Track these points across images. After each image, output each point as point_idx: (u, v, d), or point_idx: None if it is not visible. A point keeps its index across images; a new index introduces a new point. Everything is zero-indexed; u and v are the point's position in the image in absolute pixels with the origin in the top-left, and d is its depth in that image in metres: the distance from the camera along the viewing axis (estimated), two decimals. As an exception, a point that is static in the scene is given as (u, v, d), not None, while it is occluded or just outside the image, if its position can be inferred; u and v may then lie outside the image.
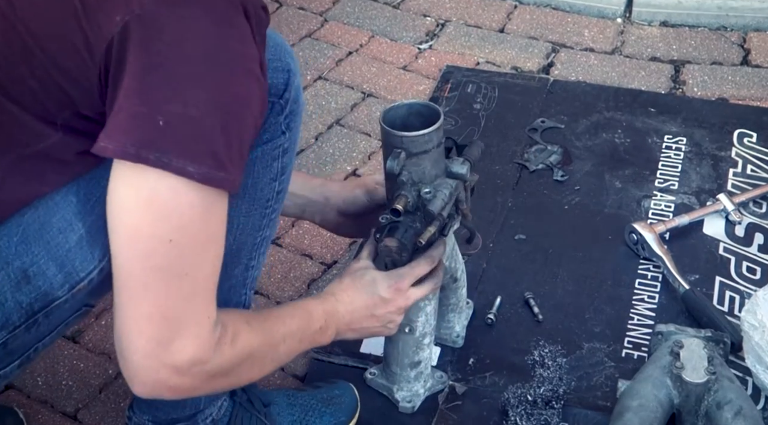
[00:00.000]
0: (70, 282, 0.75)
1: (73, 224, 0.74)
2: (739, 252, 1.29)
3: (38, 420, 1.08)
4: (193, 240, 0.68)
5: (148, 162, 0.65)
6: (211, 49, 0.65)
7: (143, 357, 0.69)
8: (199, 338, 0.70)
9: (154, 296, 0.68)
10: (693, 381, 1.00)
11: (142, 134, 0.64)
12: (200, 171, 0.65)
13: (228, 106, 0.66)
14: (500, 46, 1.73)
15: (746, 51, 1.71)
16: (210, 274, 0.71)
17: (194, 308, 0.70)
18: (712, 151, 1.47)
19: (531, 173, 1.43)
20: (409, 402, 1.05)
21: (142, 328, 0.69)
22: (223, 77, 0.65)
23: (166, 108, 0.64)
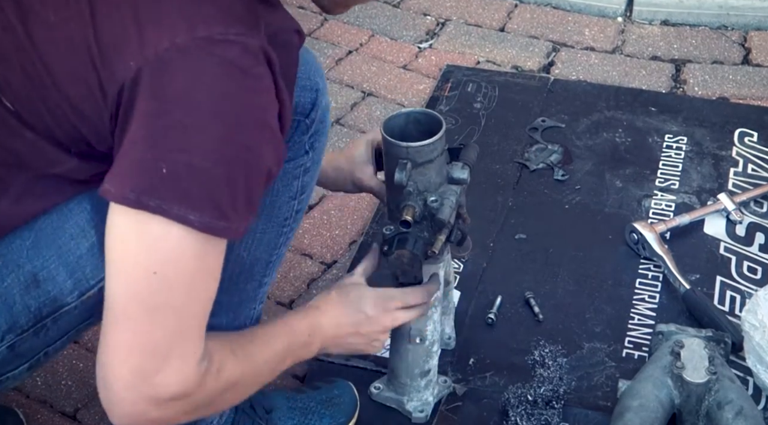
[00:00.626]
0: (79, 289, 0.75)
1: (86, 231, 0.74)
2: (739, 252, 1.29)
3: (37, 419, 1.08)
4: (182, 277, 0.67)
5: (147, 209, 0.65)
6: (219, 100, 0.64)
7: (124, 388, 0.68)
8: (183, 373, 0.69)
9: (134, 326, 0.67)
10: (694, 381, 1.00)
11: (144, 180, 0.65)
12: (201, 220, 0.65)
13: (235, 157, 0.65)
14: (501, 45, 1.72)
15: (747, 50, 1.71)
16: (199, 312, 0.70)
17: (179, 344, 0.69)
18: (713, 150, 1.46)
19: (531, 173, 1.43)
20: (421, 412, 1.05)
21: (123, 358, 0.68)
22: (231, 128, 0.65)
23: (170, 156, 0.64)
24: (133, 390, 0.68)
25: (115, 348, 0.69)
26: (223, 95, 0.64)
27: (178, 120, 0.64)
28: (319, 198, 1.41)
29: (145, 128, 0.65)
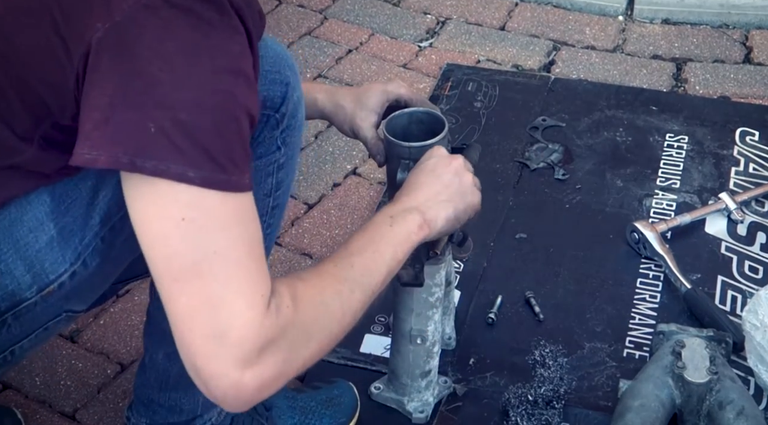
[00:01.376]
0: (38, 284, 0.73)
1: (45, 225, 0.72)
2: (741, 251, 1.28)
3: (36, 420, 1.08)
4: (213, 220, 0.63)
5: (144, 171, 0.62)
6: (192, 51, 0.63)
7: (206, 362, 0.62)
8: (255, 319, 0.62)
9: (185, 286, 0.62)
10: (695, 381, 0.99)
11: (135, 142, 0.62)
12: (201, 175, 0.62)
13: (219, 105, 0.63)
14: (501, 44, 1.72)
15: (748, 49, 1.70)
16: (248, 252, 0.64)
17: (239, 290, 0.63)
18: (714, 149, 1.46)
19: (532, 172, 1.42)
20: (421, 412, 1.05)
21: (190, 327, 0.63)
22: (209, 77, 0.63)
23: (154, 114, 0.62)
24: (215, 359, 0.62)
25: (179, 320, 0.63)
26: (195, 46, 0.63)
27: (155, 76, 0.62)
28: (319, 198, 1.41)
29: (121, 88, 0.62)
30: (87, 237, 0.74)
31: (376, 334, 1.17)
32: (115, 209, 0.74)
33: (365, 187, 1.42)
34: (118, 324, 1.19)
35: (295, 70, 0.84)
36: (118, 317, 1.20)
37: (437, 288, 1.00)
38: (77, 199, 0.72)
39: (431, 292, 1.00)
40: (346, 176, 1.44)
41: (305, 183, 1.42)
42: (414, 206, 0.81)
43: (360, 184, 1.43)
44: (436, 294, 1.00)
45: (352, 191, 1.42)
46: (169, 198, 0.63)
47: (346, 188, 1.42)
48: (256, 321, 0.63)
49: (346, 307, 0.72)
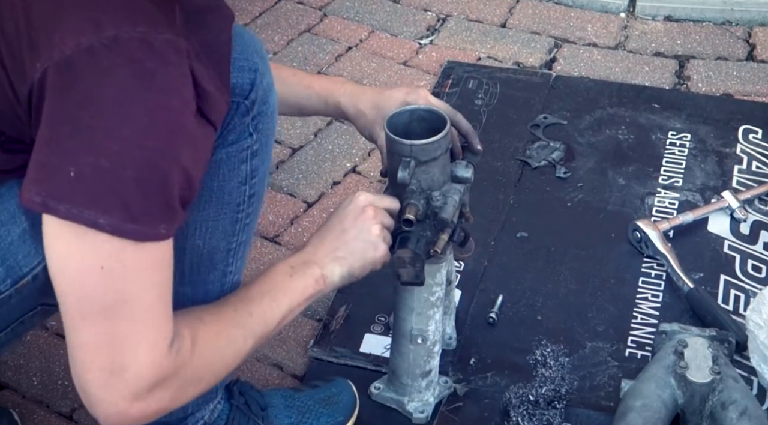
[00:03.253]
0: (12, 277, 0.73)
1: (17, 217, 0.72)
2: (744, 250, 1.28)
3: (33, 420, 1.07)
4: (126, 266, 0.66)
5: (57, 214, 0.64)
6: (127, 103, 0.63)
7: (99, 389, 0.67)
8: (155, 361, 0.68)
9: (92, 324, 0.66)
10: (697, 381, 0.99)
11: (52, 185, 0.64)
12: (110, 223, 0.64)
13: (145, 160, 0.64)
14: (502, 41, 1.71)
15: (751, 46, 1.69)
16: (158, 298, 0.68)
17: (144, 333, 0.67)
18: (717, 147, 1.45)
19: (533, 170, 1.41)
20: (422, 412, 1.04)
21: (90, 358, 0.67)
22: (140, 132, 0.64)
23: (77, 159, 0.63)
24: (108, 389, 0.67)
25: (79, 350, 0.67)
26: (131, 99, 0.63)
27: (85, 123, 0.63)
28: (319, 196, 1.40)
29: (51, 131, 0.63)
30: None
31: (376, 334, 1.16)
32: None
33: (365, 185, 1.42)
34: (116, 323, 1.19)
35: (263, 56, 0.83)
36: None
37: (438, 287, 1.00)
38: None
39: (432, 291, 0.99)
40: (346, 175, 1.44)
41: (305, 182, 1.42)
42: (314, 259, 0.85)
43: (360, 182, 1.42)
44: (437, 293, 0.99)
45: (351, 190, 1.41)
46: (85, 243, 0.65)
47: (346, 187, 1.42)
48: (155, 361, 0.68)
49: (237, 353, 0.76)
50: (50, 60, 0.63)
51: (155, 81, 0.64)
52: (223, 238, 0.85)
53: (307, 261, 0.84)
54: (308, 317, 1.21)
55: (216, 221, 0.83)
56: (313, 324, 1.20)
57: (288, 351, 1.16)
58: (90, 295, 0.66)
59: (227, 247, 0.85)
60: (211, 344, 0.73)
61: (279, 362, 1.16)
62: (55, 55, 0.63)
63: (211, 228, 0.83)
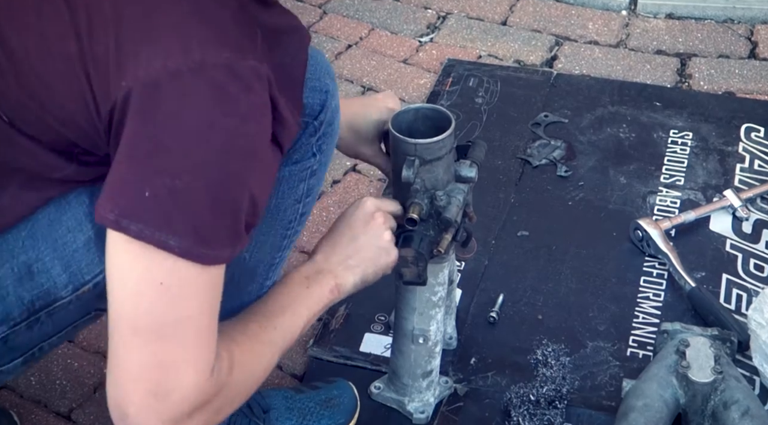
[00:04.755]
0: (74, 283, 0.74)
1: (83, 225, 0.73)
2: (746, 249, 1.27)
3: (31, 420, 1.07)
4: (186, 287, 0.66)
5: (129, 233, 0.64)
6: (207, 127, 0.64)
7: (138, 411, 0.66)
8: (198, 385, 0.67)
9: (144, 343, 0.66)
10: (699, 381, 0.98)
11: (126, 203, 0.64)
12: (181, 246, 0.64)
13: (219, 184, 0.65)
14: (503, 39, 1.70)
15: (753, 44, 1.69)
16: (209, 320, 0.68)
17: (193, 356, 0.67)
18: (719, 146, 1.45)
19: (534, 169, 1.41)
20: (422, 413, 1.04)
21: (136, 378, 0.66)
22: (217, 156, 0.64)
23: (154, 179, 0.64)
24: (150, 412, 0.66)
25: (125, 369, 0.66)
26: (211, 123, 0.63)
27: (165, 144, 0.63)
28: (319, 195, 1.39)
29: (131, 150, 0.64)
30: None
31: (376, 333, 1.16)
32: None
33: (365, 184, 1.41)
34: (114, 322, 1.18)
35: (333, 77, 0.85)
36: (114, 316, 1.19)
37: (440, 287, 0.99)
38: None
39: (434, 291, 0.99)
40: (346, 173, 1.43)
41: (304, 180, 1.41)
42: (328, 268, 0.85)
43: (360, 181, 1.42)
44: (439, 293, 0.99)
45: (351, 188, 1.40)
46: (151, 261, 0.65)
47: (346, 185, 1.41)
48: (199, 385, 0.67)
49: (266, 369, 0.78)
50: (136, 80, 0.63)
51: (236, 107, 0.64)
52: (269, 253, 0.85)
53: (321, 271, 0.84)
54: (308, 316, 1.21)
55: (266, 236, 0.84)
56: (313, 324, 1.19)
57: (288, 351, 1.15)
58: (146, 311, 0.66)
59: (270, 261, 0.86)
60: (246, 364, 0.73)
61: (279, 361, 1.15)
62: (140, 75, 0.63)
63: (260, 243, 0.84)
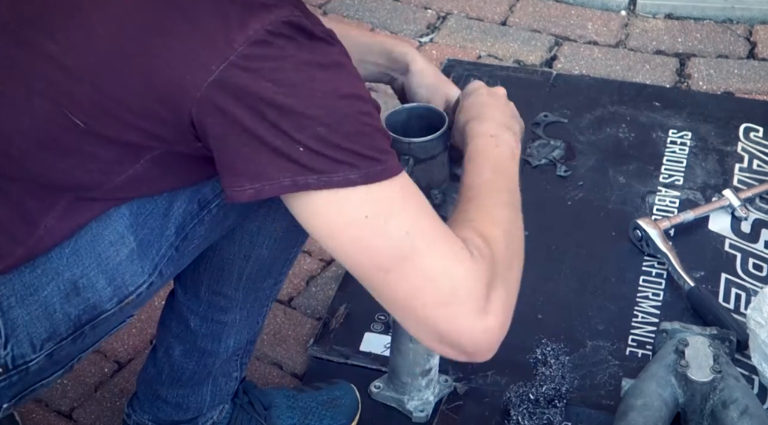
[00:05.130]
0: (119, 296, 0.74)
1: (125, 238, 0.73)
2: (745, 249, 1.27)
3: (32, 419, 1.07)
4: (387, 206, 0.67)
5: (310, 187, 0.66)
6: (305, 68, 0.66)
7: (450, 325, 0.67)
8: (470, 269, 0.67)
9: (398, 273, 0.67)
10: (698, 380, 0.98)
11: (291, 164, 0.65)
12: (362, 173, 0.66)
13: (347, 109, 0.67)
14: (502, 39, 1.70)
15: (752, 44, 1.69)
16: (429, 218, 0.68)
17: (442, 252, 0.67)
18: (718, 146, 1.45)
19: (533, 169, 1.41)
20: (422, 411, 1.04)
21: (419, 303, 0.67)
22: (328, 87, 0.66)
23: (296, 137, 0.65)
24: (458, 318, 0.66)
25: (407, 303, 0.67)
26: (306, 63, 0.66)
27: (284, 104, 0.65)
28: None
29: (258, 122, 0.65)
30: (163, 248, 0.75)
31: (376, 333, 1.16)
32: (189, 218, 0.76)
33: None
34: (115, 321, 1.18)
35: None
36: (115, 315, 1.19)
37: (438, 286, 0.99)
38: (153, 210, 0.74)
39: (432, 290, 0.99)
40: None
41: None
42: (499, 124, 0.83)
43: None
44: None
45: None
46: (344, 205, 0.66)
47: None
48: (470, 270, 0.68)
49: (517, 225, 0.77)
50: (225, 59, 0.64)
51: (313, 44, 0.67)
52: (287, 248, 0.86)
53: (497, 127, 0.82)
54: (308, 315, 1.21)
55: (286, 233, 0.84)
56: (313, 323, 1.19)
57: (288, 350, 1.16)
58: (375, 249, 0.67)
59: (287, 257, 0.87)
60: (495, 231, 0.73)
61: (279, 361, 1.15)
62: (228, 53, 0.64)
63: (280, 239, 0.84)
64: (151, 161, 0.70)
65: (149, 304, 1.19)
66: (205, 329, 0.90)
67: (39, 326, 0.72)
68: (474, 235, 0.71)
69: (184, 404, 0.93)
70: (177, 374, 0.92)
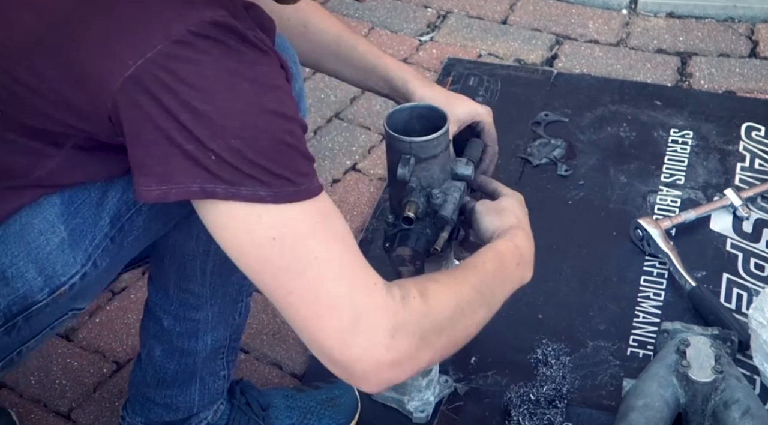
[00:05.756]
0: (50, 286, 0.73)
1: (56, 227, 0.72)
2: (746, 248, 1.27)
3: (31, 419, 1.07)
4: (297, 229, 0.66)
5: (217, 196, 0.64)
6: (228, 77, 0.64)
7: (342, 353, 0.66)
8: (379, 305, 0.67)
9: (301, 295, 0.66)
10: (700, 380, 0.98)
11: (200, 170, 0.64)
12: (271, 192, 0.65)
13: (267, 125, 0.65)
14: (503, 37, 1.70)
15: (754, 43, 1.68)
16: (343, 248, 0.68)
17: (351, 282, 0.67)
18: (719, 145, 1.44)
19: (534, 168, 1.41)
20: (422, 412, 1.04)
21: (320, 328, 0.66)
22: (250, 99, 0.65)
23: (209, 145, 0.64)
24: (353, 347, 0.66)
25: (306, 326, 0.67)
26: (231, 72, 0.64)
27: (199, 110, 0.63)
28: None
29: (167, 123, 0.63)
30: (97, 238, 0.74)
31: (375, 332, 1.16)
32: (125, 209, 0.75)
33: (365, 183, 1.41)
34: (113, 322, 1.18)
35: (296, 61, 0.85)
36: (114, 316, 1.19)
37: (438, 286, 0.99)
38: (86, 200, 0.73)
39: (432, 290, 0.98)
40: (346, 172, 1.43)
41: (304, 179, 1.41)
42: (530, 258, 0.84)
43: (360, 180, 1.41)
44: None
45: (351, 188, 1.40)
46: (252, 222, 0.65)
47: (346, 185, 1.41)
48: (379, 306, 0.67)
49: (474, 316, 0.75)
50: (142, 56, 0.63)
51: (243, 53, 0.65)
52: None
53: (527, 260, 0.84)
54: (308, 315, 1.20)
55: None
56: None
57: (287, 350, 1.15)
58: (279, 269, 0.66)
59: None
60: (449, 298, 0.72)
61: (278, 361, 1.15)
62: (146, 50, 0.63)
63: None
64: (75, 148, 0.69)
65: (148, 304, 1.19)
66: (180, 327, 0.89)
67: None
68: (415, 287, 0.70)
69: (173, 404, 0.93)
70: (161, 374, 0.92)
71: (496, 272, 0.79)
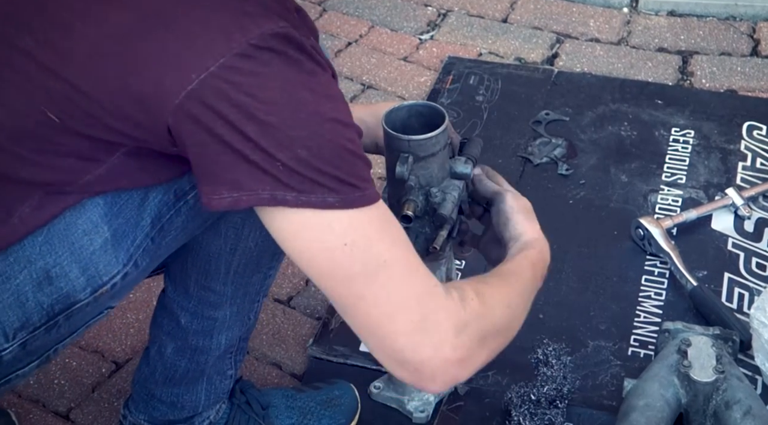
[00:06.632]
0: (92, 286, 0.74)
1: (99, 227, 0.73)
2: (748, 248, 1.26)
3: (29, 419, 1.07)
4: (366, 234, 0.68)
5: (287, 203, 0.66)
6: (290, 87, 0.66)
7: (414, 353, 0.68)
8: (442, 306, 0.69)
9: (371, 300, 0.68)
10: (701, 380, 0.98)
11: (269, 178, 0.65)
12: (340, 198, 0.66)
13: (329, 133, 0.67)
14: (503, 36, 1.70)
15: (756, 41, 1.68)
16: (408, 251, 0.70)
17: (418, 284, 0.69)
18: (721, 144, 1.44)
19: (535, 167, 1.40)
20: (422, 412, 1.04)
21: (390, 330, 0.68)
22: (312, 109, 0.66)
23: (276, 155, 0.65)
24: (422, 346, 0.68)
25: (376, 328, 0.69)
26: (293, 82, 0.66)
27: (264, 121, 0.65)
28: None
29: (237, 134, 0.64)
30: (138, 238, 0.75)
31: (375, 332, 1.15)
32: (165, 209, 0.76)
33: (365, 182, 1.40)
34: (113, 322, 1.18)
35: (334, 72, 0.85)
36: (113, 315, 1.18)
37: (438, 286, 0.98)
38: (129, 201, 0.74)
39: (432, 290, 0.98)
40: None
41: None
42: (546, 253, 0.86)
43: (360, 179, 1.41)
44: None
45: (351, 187, 1.40)
46: (323, 228, 0.67)
47: (346, 184, 1.40)
48: (443, 306, 0.69)
49: (519, 320, 0.79)
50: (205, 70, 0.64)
51: (302, 63, 0.67)
52: (274, 242, 0.86)
53: (543, 262, 0.86)
54: (307, 315, 1.20)
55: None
56: (313, 323, 1.19)
57: (287, 350, 1.15)
58: (352, 275, 0.67)
59: (274, 250, 0.86)
60: (499, 300, 0.75)
61: (278, 361, 1.15)
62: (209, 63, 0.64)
63: (265, 231, 0.83)
64: (125, 155, 0.70)
65: (147, 303, 1.19)
66: (196, 325, 0.90)
67: (11, 314, 0.71)
68: (471, 289, 0.72)
69: (179, 403, 0.93)
70: (170, 372, 0.92)
71: (531, 279, 0.82)
